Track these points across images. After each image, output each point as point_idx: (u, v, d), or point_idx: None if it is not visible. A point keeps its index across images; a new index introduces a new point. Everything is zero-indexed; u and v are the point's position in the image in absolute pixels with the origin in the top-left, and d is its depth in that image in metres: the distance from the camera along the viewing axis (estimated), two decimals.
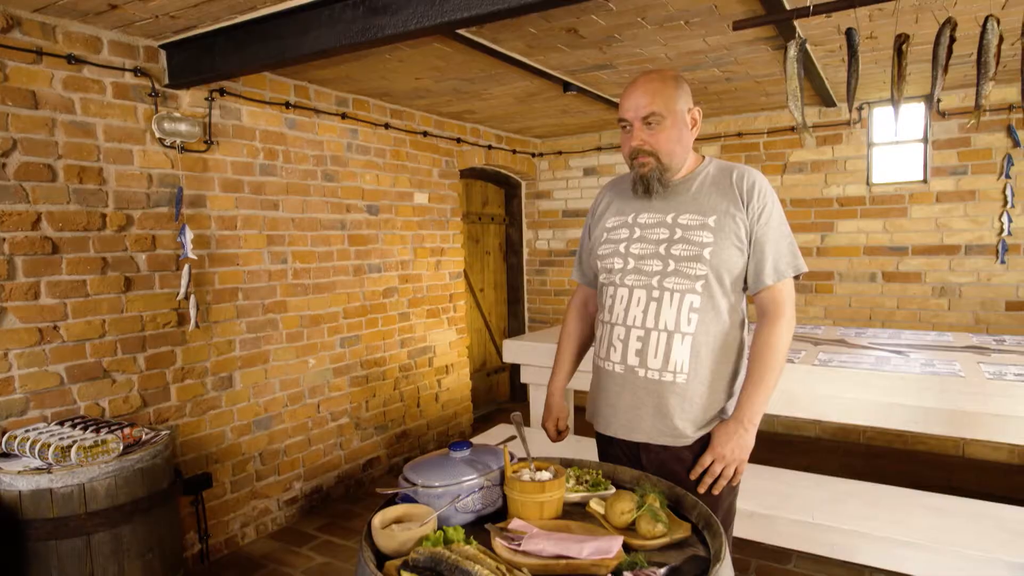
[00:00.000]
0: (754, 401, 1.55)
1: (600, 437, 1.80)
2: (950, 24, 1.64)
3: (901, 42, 1.74)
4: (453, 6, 2.09)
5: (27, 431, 2.25)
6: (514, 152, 5.34)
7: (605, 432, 1.73)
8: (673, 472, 1.59)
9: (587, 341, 1.97)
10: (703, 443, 1.60)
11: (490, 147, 5.04)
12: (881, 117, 4.25)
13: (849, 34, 1.81)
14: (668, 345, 1.58)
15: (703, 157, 1.71)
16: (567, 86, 3.64)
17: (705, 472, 1.56)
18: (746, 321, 1.68)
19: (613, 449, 1.74)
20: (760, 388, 1.55)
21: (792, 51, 1.89)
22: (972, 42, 2.78)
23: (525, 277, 5.85)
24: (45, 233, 2.45)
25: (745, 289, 1.64)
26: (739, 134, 4.67)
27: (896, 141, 4.11)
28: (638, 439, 1.64)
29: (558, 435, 1.94)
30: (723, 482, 1.55)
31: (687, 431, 1.59)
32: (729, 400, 1.63)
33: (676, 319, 1.58)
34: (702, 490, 1.55)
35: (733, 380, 1.64)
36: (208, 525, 3.02)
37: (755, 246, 1.58)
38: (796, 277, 1.61)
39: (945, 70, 1.66)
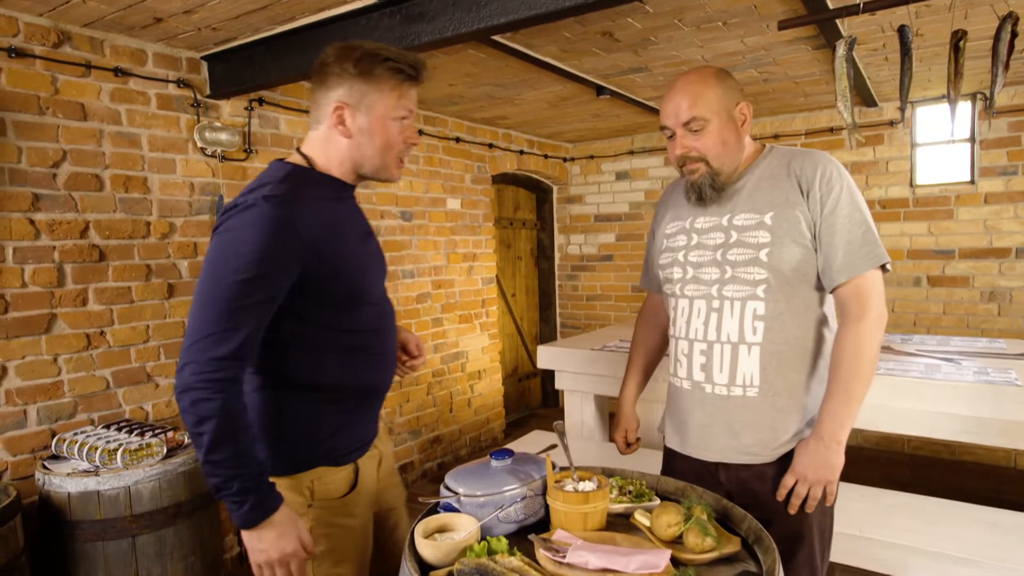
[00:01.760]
0: (835, 415, 1.39)
1: (669, 452, 1.69)
2: (1011, 19, 1.58)
3: (958, 39, 1.67)
4: (490, 12, 2.09)
5: (75, 434, 2.32)
6: (546, 157, 5.33)
7: (680, 450, 1.62)
8: (755, 492, 1.48)
9: (658, 349, 1.87)
10: (787, 459, 1.47)
11: (522, 152, 5.04)
12: (925, 117, 4.12)
13: (902, 31, 1.74)
14: (734, 358, 1.46)
15: (763, 146, 1.55)
16: (600, 90, 3.62)
17: (791, 493, 1.44)
18: (828, 321, 1.51)
19: (683, 465, 1.62)
20: (844, 399, 1.39)
21: (841, 50, 1.83)
22: (1022, 39, 2.68)
23: (557, 282, 5.82)
24: (93, 241, 2.52)
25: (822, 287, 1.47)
26: (776, 136, 4.58)
27: (951, 140, 3.95)
28: (713, 459, 1.54)
29: (627, 447, 1.84)
30: (812, 503, 1.43)
31: (764, 449, 1.47)
32: (812, 412, 1.49)
33: (739, 329, 1.45)
34: (793, 512, 1.44)
35: (815, 388, 1.49)
36: None
37: (823, 238, 1.41)
38: (883, 269, 1.42)
39: (1006, 66, 1.59)
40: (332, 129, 1.31)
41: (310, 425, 1.34)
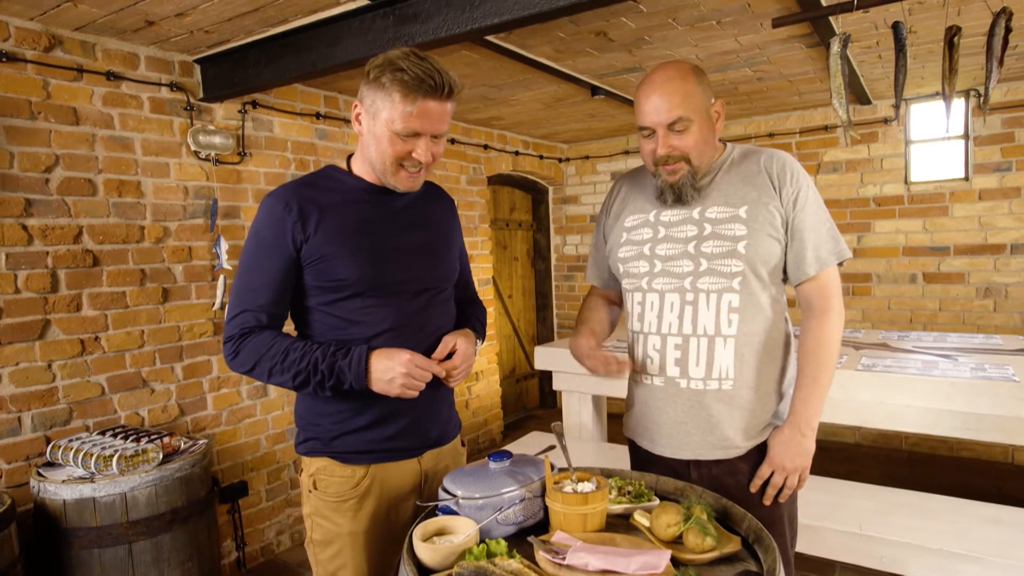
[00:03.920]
0: (809, 404, 1.45)
1: (640, 454, 1.68)
2: (1005, 14, 1.58)
3: (952, 34, 1.67)
4: (483, 12, 2.08)
5: (71, 440, 2.30)
6: (541, 158, 5.32)
7: (652, 451, 1.62)
8: (726, 487, 1.49)
9: (609, 326, 1.80)
10: (758, 452, 1.50)
11: (517, 153, 5.03)
12: (919, 114, 4.13)
13: (896, 28, 1.74)
14: (710, 351, 1.47)
15: (724, 145, 1.58)
16: (595, 90, 3.62)
17: (767, 484, 1.48)
18: (788, 314, 1.58)
19: (656, 468, 1.61)
20: (815, 389, 1.45)
21: (835, 47, 1.82)
22: (1014, 35, 2.69)
23: (553, 283, 5.81)
24: (86, 246, 2.50)
25: (785, 280, 1.54)
26: (770, 135, 4.58)
27: (946, 137, 3.97)
28: (688, 456, 1.54)
29: (618, 364, 1.58)
30: (787, 492, 1.47)
31: (739, 441, 1.49)
32: (781, 402, 1.53)
33: (715, 322, 1.47)
34: (767, 503, 1.47)
35: (782, 379, 1.54)
36: (244, 533, 3.05)
37: (793, 234, 1.46)
38: (839, 264, 1.50)
39: (1000, 61, 1.59)
40: (356, 124, 1.39)
41: (315, 413, 1.43)
